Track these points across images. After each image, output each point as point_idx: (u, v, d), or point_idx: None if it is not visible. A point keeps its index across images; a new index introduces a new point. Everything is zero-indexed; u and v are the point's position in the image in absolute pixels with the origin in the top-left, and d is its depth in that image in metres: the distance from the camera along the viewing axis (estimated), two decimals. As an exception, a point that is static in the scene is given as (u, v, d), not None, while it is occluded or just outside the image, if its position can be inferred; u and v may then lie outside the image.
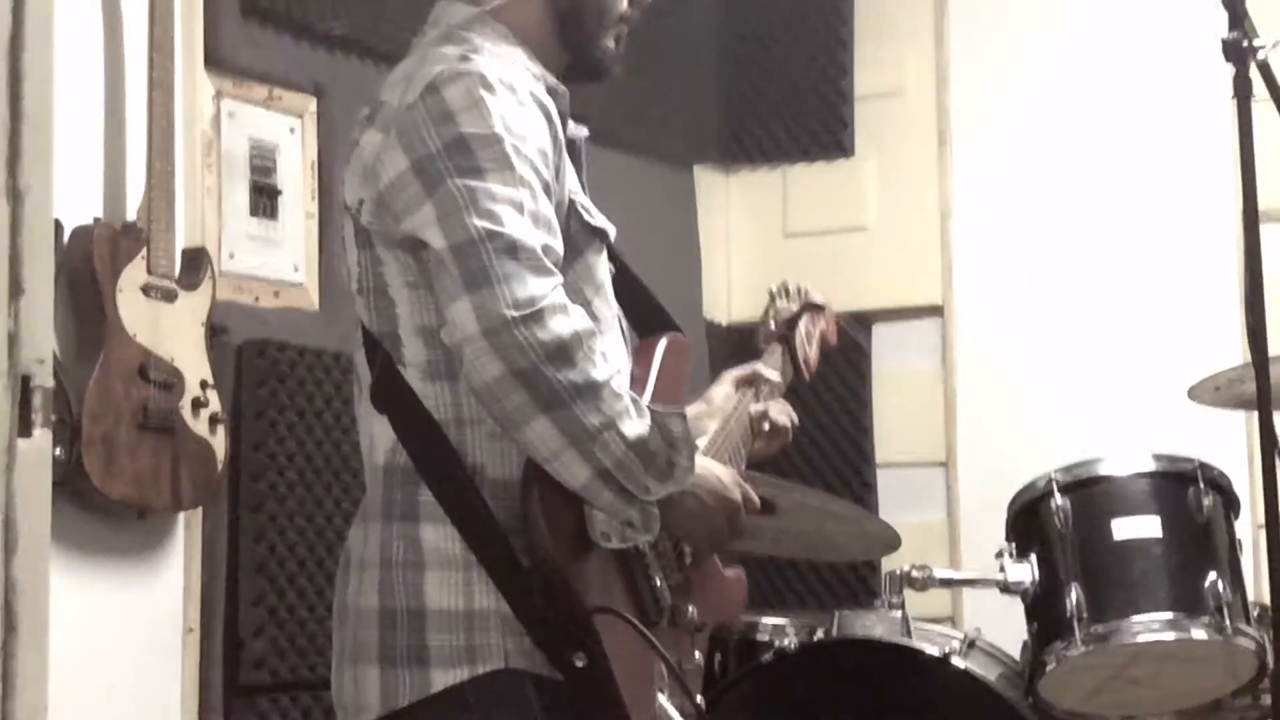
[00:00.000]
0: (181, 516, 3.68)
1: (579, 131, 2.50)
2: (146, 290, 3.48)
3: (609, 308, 2.42)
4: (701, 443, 2.58)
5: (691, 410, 2.70)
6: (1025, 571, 3.51)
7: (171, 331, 3.52)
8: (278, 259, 4.03)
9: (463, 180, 2.17)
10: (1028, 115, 5.21)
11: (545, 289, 2.11)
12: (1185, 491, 3.50)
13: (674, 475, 2.22)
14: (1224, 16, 2.36)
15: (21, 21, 1.37)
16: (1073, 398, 4.98)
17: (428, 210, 2.18)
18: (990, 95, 5.27)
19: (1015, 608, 3.59)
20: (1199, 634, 3.36)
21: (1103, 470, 3.58)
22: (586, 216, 2.38)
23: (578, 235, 2.35)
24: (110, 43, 3.60)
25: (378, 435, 2.32)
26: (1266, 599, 2.42)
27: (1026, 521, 3.59)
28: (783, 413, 2.78)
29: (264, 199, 4.00)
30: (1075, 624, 3.39)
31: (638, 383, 2.46)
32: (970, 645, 3.56)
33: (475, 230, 2.13)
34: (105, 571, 3.52)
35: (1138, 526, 3.49)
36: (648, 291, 2.66)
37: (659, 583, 2.35)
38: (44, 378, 1.39)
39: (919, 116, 5.34)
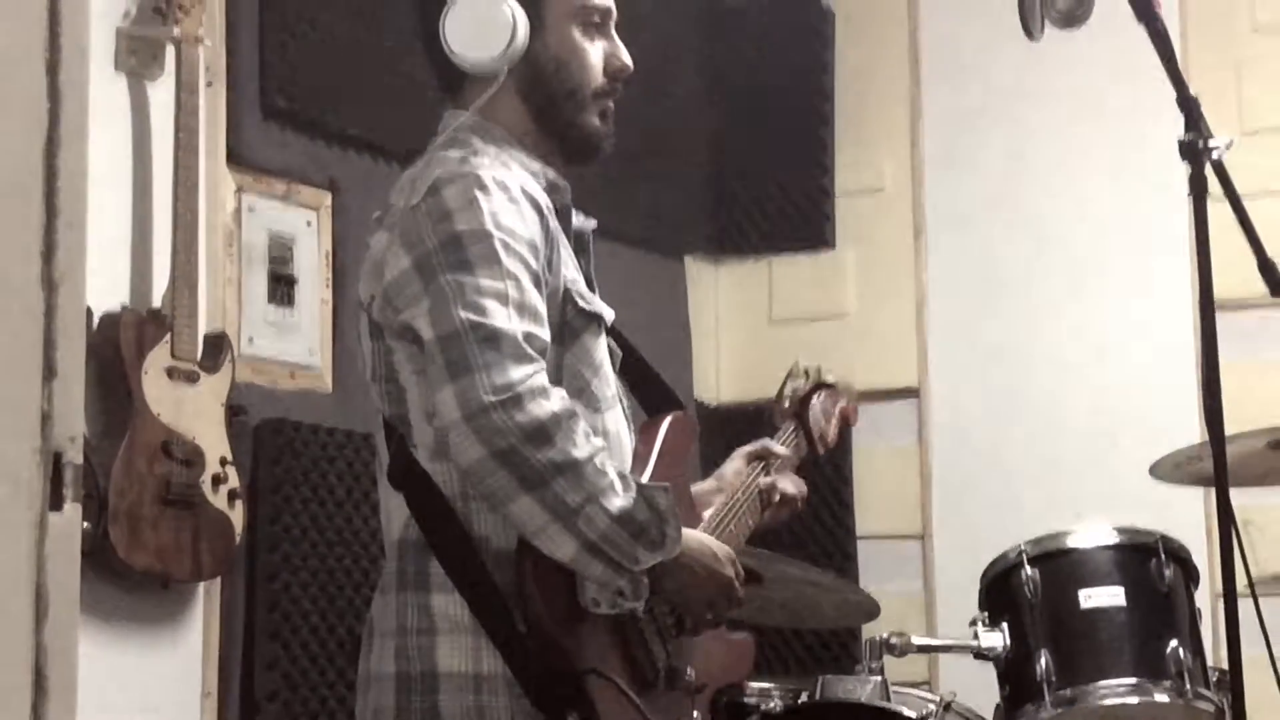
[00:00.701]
0: (201, 586, 3.67)
1: (586, 223, 2.52)
2: (170, 373, 3.48)
3: (608, 387, 2.42)
4: (707, 514, 2.59)
5: (704, 486, 2.71)
6: (997, 638, 3.50)
7: (193, 411, 3.52)
8: (294, 344, 4.03)
9: (453, 275, 2.19)
10: (997, 211, 5.23)
11: (524, 375, 2.12)
12: (1148, 563, 3.50)
13: (665, 545, 2.22)
14: (1181, 120, 2.38)
15: (58, 123, 1.38)
16: (1041, 475, 4.97)
17: (424, 304, 2.21)
18: (961, 192, 5.29)
19: (988, 672, 3.57)
20: (1161, 697, 3.35)
21: (1070, 543, 3.57)
22: (582, 303, 2.38)
23: (574, 320, 2.36)
24: (139, 142, 3.61)
25: (393, 511, 2.33)
26: (1225, 664, 2.41)
27: (998, 591, 3.58)
28: (792, 484, 2.77)
29: (281, 287, 4.00)
30: (1045, 688, 3.37)
31: (640, 459, 2.46)
32: (946, 708, 3.54)
33: (460, 322, 2.15)
34: (129, 637, 3.51)
35: (1103, 596, 3.48)
36: (654, 372, 2.67)
37: (655, 647, 2.34)
38: (75, 455, 1.39)
39: (895, 212, 5.36)
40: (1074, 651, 3.43)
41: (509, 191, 2.28)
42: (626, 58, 2.50)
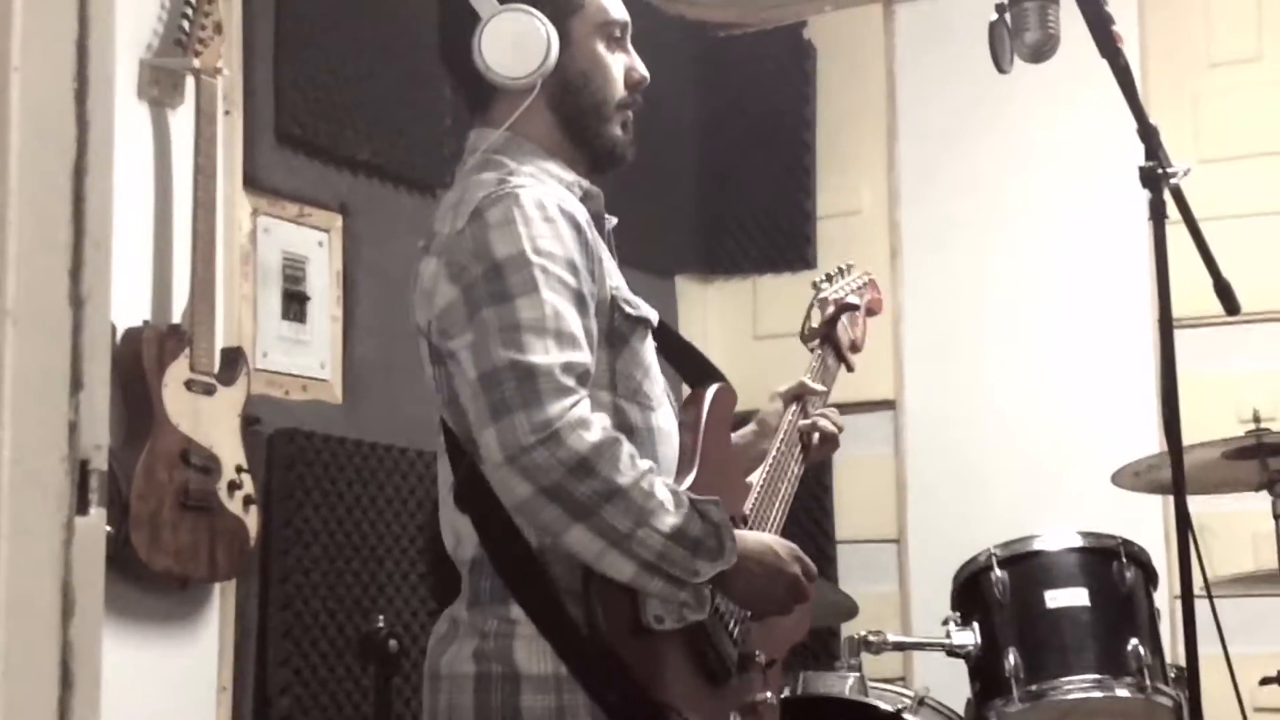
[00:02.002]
0: (217, 586, 3.67)
1: (609, 222, 2.46)
2: (189, 385, 3.49)
3: (657, 385, 2.36)
4: (755, 477, 2.52)
5: (746, 434, 2.66)
6: (969, 636, 3.51)
7: (210, 421, 3.52)
8: (306, 358, 4.03)
9: (493, 308, 2.13)
10: (969, 232, 5.24)
11: (563, 409, 2.06)
12: (1110, 566, 3.51)
13: (723, 555, 2.15)
14: (1141, 148, 2.38)
15: (85, 149, 1.38)
16: (1010, 482, 4.98)
17: (468, 336, 2.15)
18: (935, 215, 5.30)
19: (960, 669, 3.58)
20: (1123, 692, 3.35)
21: (1037, 546, 3.58)
22: (629, 309, 2.31)
23: (622, 326, 2.29)
24: (160, 166, 3.62)
25: (463, 532, 2.27)
26: (1183, 662, 2.41)
27: (969, 592, 3.59)
28: (830, 422, 2.69)
29: (294, 304, 4.01)
30: (1013, 683, 3.38)
31: (689, 429, 2.40)
32: (920, 703, 3.54)
33: (499, 359, 2.09)
34: (149, 635, 3.50)
35: (1068, 597, 3.49)
36: (695, 349, 2.60)
37: (724, 646, 2.27)
38: (100, 462, 1.39)
39: (873, 233, 5.37)
40: (1040, 649, 3.44)
41: (545, 210, 2.21)
42: (644, 70, 2.46)
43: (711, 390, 2.48)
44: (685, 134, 5.43)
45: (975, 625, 3.51)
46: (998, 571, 3.51)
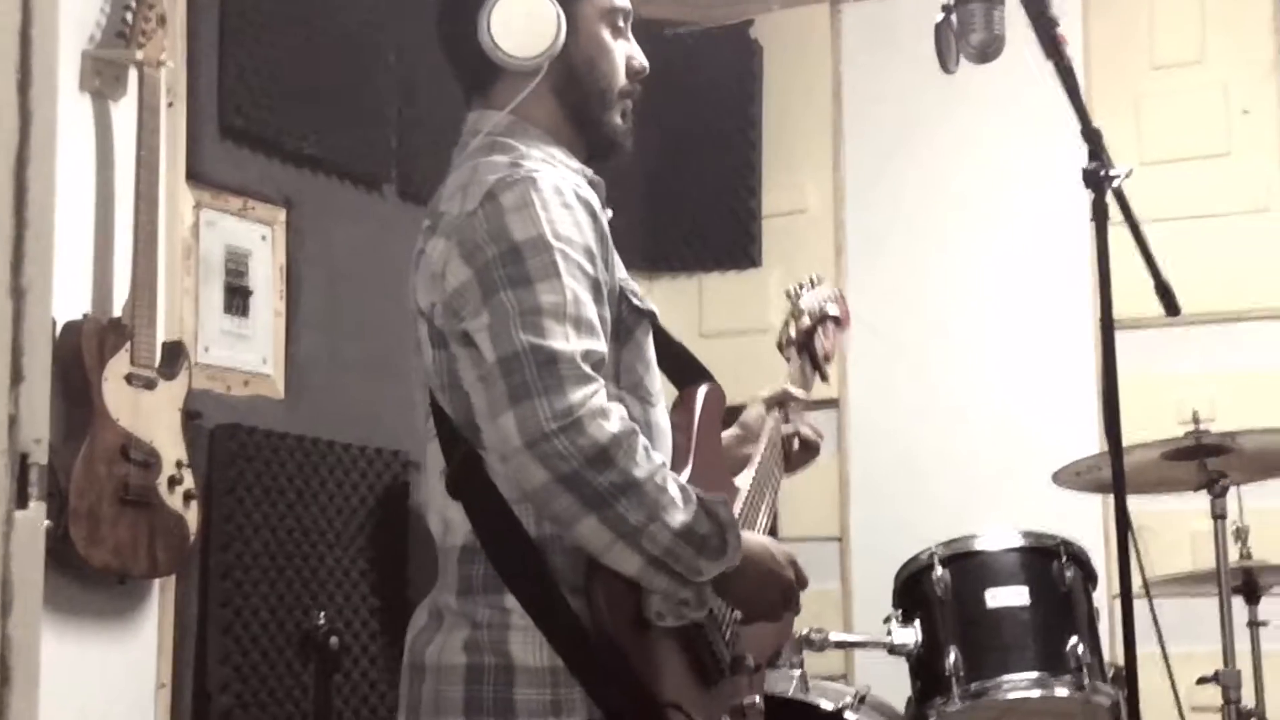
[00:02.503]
0: (157, 582, 3.64)
1: (606, 214, 2.39)
2: (129, 379, 3.46)
3: (656, 381, 2.34)
4: (741, 481, 2.51)
5: (730, 434, 2.63)
6: (910, 635, 3.52)
7: (151, 416, 3.50)
8: (248, 352, 4.01)
9: (512, 291, 2.09)
10: (913, 232, 5.26)
11: (583, 397, 2.03)
12: (1050, 565, 3.53)
13: (726, 554, 2.14)
14: (1084, 149, 2.40)
15: (27, 139, 1.37)
16: (952, 481, 5.00)
17: (484, 318, 2.10)
18: (880, 215, 5.32)
19: (901, 667, 3.59)
20: (1062, 691, 3.37)
21: (978, 545, 3.60)
22: (635, 300, 2.29)
23: (628, 318, 2.27)
24: (102, 159, 3.59)
25: (453, 520, 2.23)
26: (1121, 661, 2.43)
27: (911, 590, 3.60)
28: (811, 430, 2.70)
29: (237, 298, 3.99)
30: (954, 682, 3.40)
31: (682, 428, 2.39)
32: (861, 701, 3.55)
33: (520, 344, 2.05)
34: (88, 631, 3.48)
35: (1008, 596, 3.51)
36: (684, 349, 2.57)
37: (719, 646, 2.26)
38: (40, 456, 1.38)
39: (818, 232, 5.38)
40: (981, 648, 3.45)
41: (563, 196, 2.18)
42: (644, 59, 2.45)
43: (703, 390, 2.47)
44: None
45: (916, 623, 3.53)
46: (939, 570, 3.53)
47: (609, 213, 2.37)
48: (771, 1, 5.54)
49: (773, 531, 2.52)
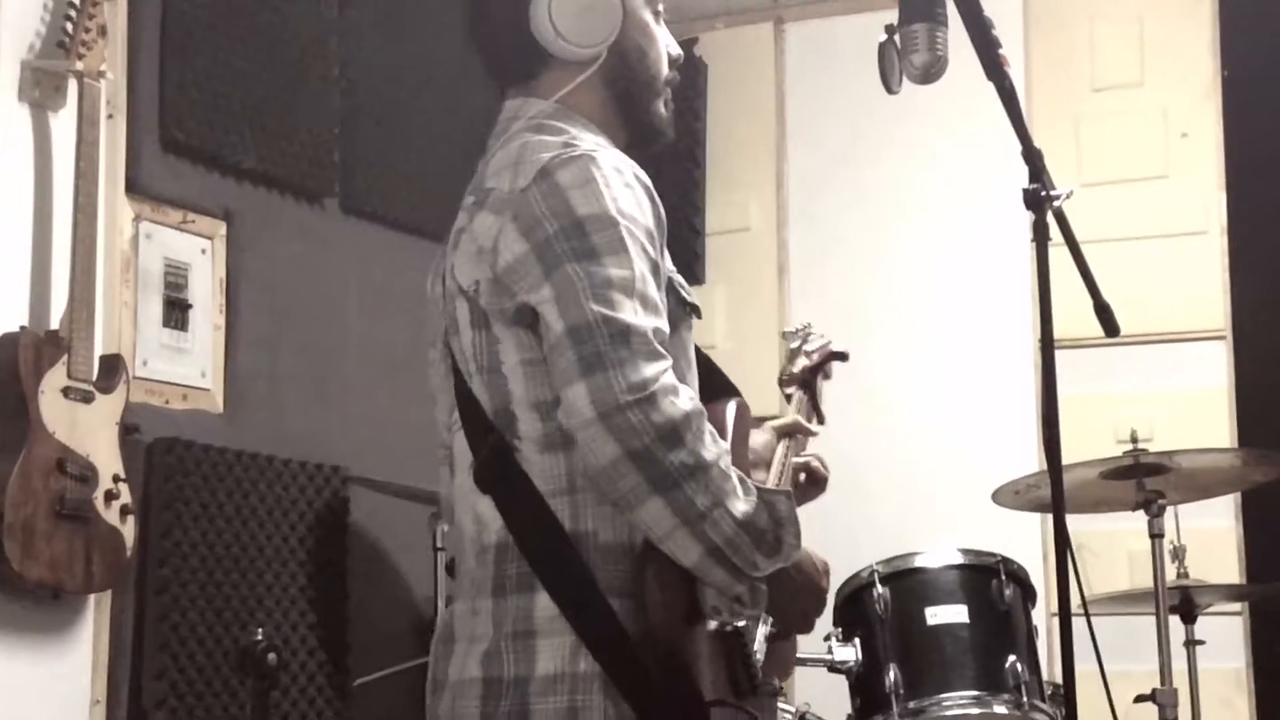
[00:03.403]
0: (92, 597, 3.61)
1: None
2: (66, 392, 3.43)
3: (695, 381, 2.26)
4: None
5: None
6: (850, 652, 3.52)
7: (88, 430, 3.47)
8: (187, 366, 3.99)
9: (579, 264, 2.02)
10: (855, 251, 5.29)
11: (657, 372, 1.97)
12: (989, 583, 3.54)
13: (782, 551, 2.06)
14: (1025, 170, 2.41)
15: (-38, 150, 1.36)
16: (892, 499, 5.02)
17: (546, 291, 2.02)
18: (822, 233, 5.34)
19: (840, 685, 3.59)
20: (1000, 709, 3.38)
21: (918, 564, 3.60)
22: (684, 293, 2.22)
23: (674, 312, 2.17)
24: (40, 170, 3.56)
25: (485, 515, 2.13)
26: (1059, 679, 2.44)
27: (851, 608, 3.61)
28: (820, 463, 2.64)
29: (176, 312, 3.96)
30: (893, 700, 3.40)
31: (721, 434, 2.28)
32: (801, 718, 3.56)
33: (591, 315, 1.98)
34: (21, 647, 3.44)
35: (948, 614, 3.52)
36: (712, 362, 2.48)
37: (754, 659, 2.20)
38: (-28, 470, 1.36)
39: (761, 250, 5.40)
40: (920, 666, 3.46)
41: (624, 175, 2.12)
42: (679, 48, 2.39)
43: (733, 406, 2.40)
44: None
45: (856, 641, 3.53)
46: (879, 588, 3.53)
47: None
48: (716, 20, 5.56)
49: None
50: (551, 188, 2.08)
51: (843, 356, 3.01)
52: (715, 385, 2.45)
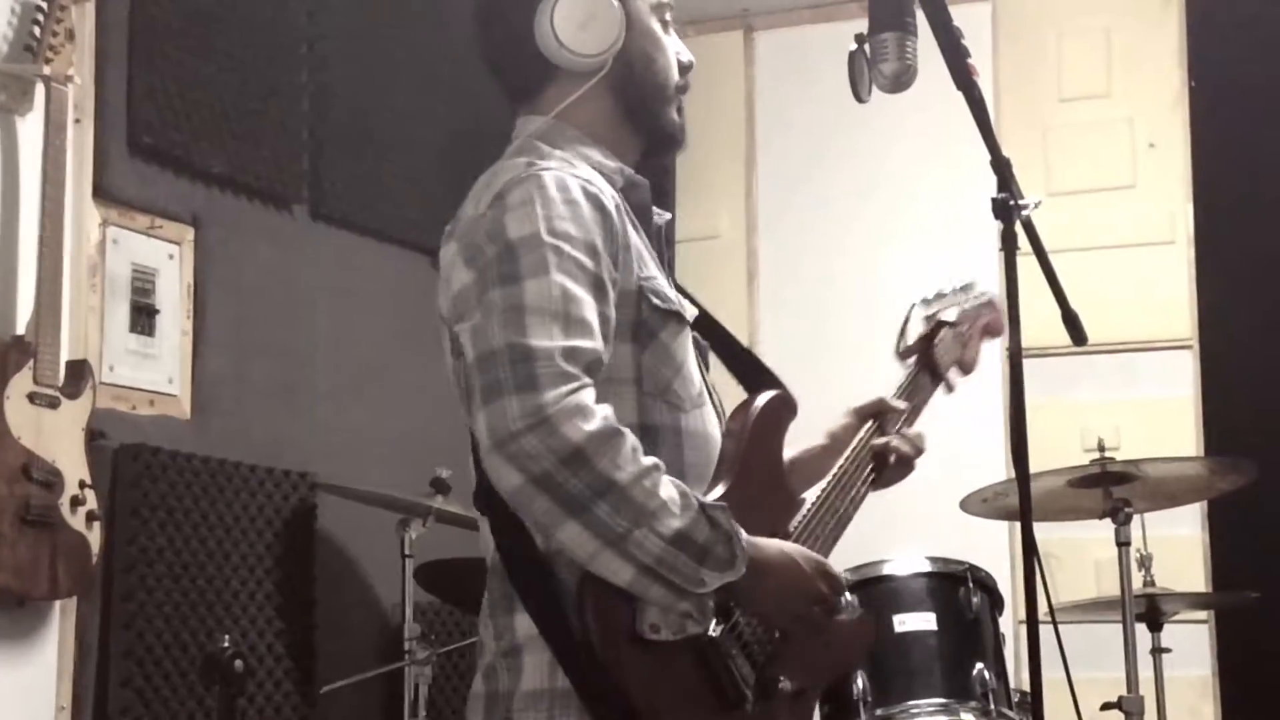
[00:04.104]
0: (58, 604, 3.59)
1: (661, 217, 2.37)
2: (32, 398, 3.41)
3: (692, 385, 2.23)
4: (810, 494, 2.41)
5: (816, 445, 2.54)
6: (818, 660, 3.52)
7: (54, 435, 3.45)
8: (154, 372, 3.97)
9: (500, 289, 2.02)
10: (824, 258, 5.30)
11: (557, 395, 1.93)
12: (957, 591, 3.54)
13: (734, 565, 2.03)
14: (993, 179, 2.42)
15: (-72, 154, 1.36)
16: (860, 507, 5.01)
17: (474, 319, 2.04)
18: (792, 241, 5.35)
19: (809, 693, 3.59)
20: (968, 717, 3.38)
21: (886, 571, 3.60)
22: (657, 300, 2.19)
23: (650, 319, 2.17)
24: (7, 175, 3.55)
25: (485, 536, 2.16)
26: (1027, 686, 2.44)
27: (819, 616, 3.60)
28: (907, 442, 2.54)
29: (143, 317, 3.95)
30: (861, 707, 3.40)
31: (733, 435, 2.28)
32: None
33: (497, 341, 1.98)
34: (-15, 654, 3.42)
35: (916, 621, 3.52)
36: (752, 356, 2.49)
37: (738, 665, 2.10)
38: (-63, 475, 1.36)
39: (731, 258, 5.41)
40: (888, 673, 3.46)
41: (568, 192, 2.10)
42: (690, 54, 2.40)
43: (763, 399, 2.36)
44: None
45: (824, 649, 3.53)
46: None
47: (666, 215, 2.36)
48: (686, 27, 5.55)
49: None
50: (498, 211, 2.09)
51: (952, 325, 2.83)
52: (757, 378, 2.45)
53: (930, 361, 2.74)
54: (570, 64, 2.24)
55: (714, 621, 2.07)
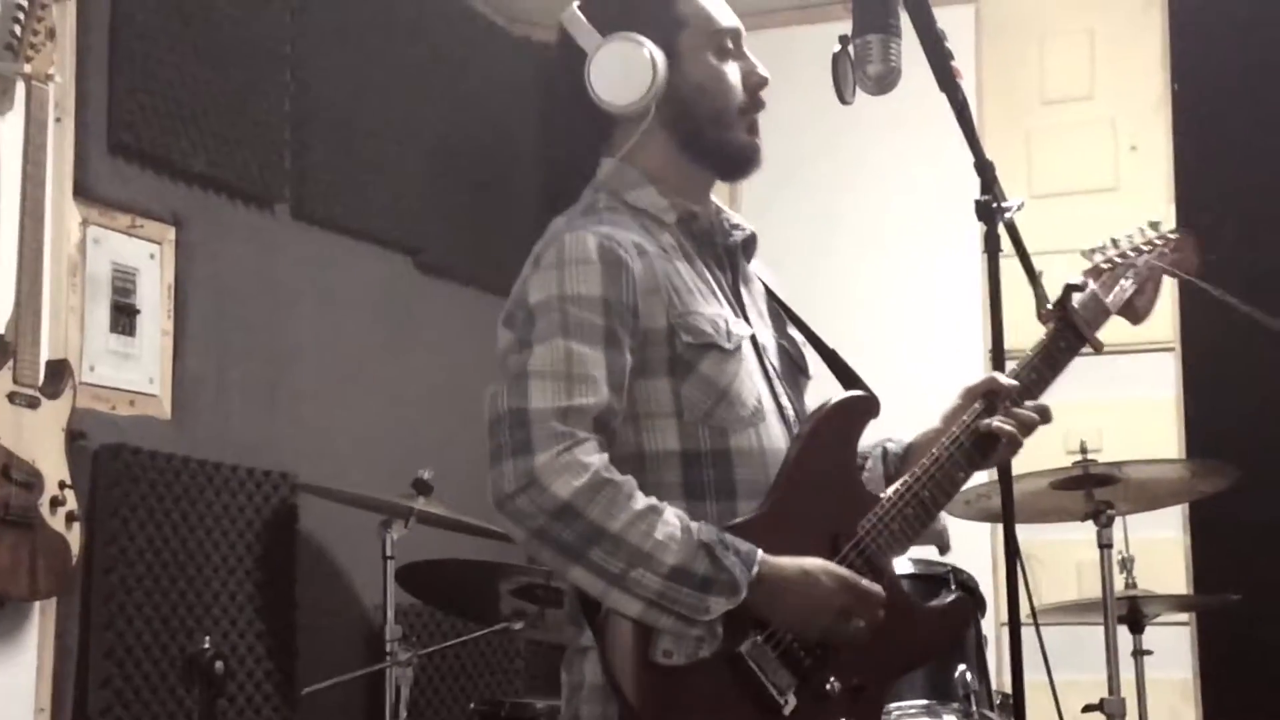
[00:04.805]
0: (37, 605, 3.59)
1: (735, 236, 2.56)
2: (12, 397, 3.41)
3: (738, 408, 2.32)
4: (905, 479, 2.47)
5: (929, 431, 2.63)
6: (800, 662, 3.52)
7: (34, 435, 3.45)
8: (134, 372, 3.97)
9: (517, 355, 2.21)
10: (806, 262, 5.29)
11: (549, 457, 2.11)
12: (939, 593, 3.54)
13: (738, 591, 2.15)
14: (977, 181, 2.42)
15: (-91, 152, 1.35)
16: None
17: (497, 383, 2.22)
18: (775, 245, 5.31)
19: (791, 695, 3.59)
20: (950, 718, 3.39)
21: (869, 573, 3.60)
22: (689, 338, 2.30)
23: (685, 354, 2.29)
24: (-13, 173, 3.54)
25: None
26: (1009, 688, 2.45)
27: (802, 618, 3.60)
28: (1013, 421, 2.43)
29: (123, 317, 3.94)
30: (843, 709, 3.40)
31: (795, 440, 2.38)
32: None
33: (502, 407, 2.17)
34: (-36, 655, 3.41)
35: (898, 623, 3.52)
36: (839, 359, 2.66)
37: (775, 674, 2.20)
38: (-84, 475, 1.36)
39: (713, 259, 5.40)
40: (870, 675, 3.46)
41: (585, 252, 2.27)
42: (764, 71, 2.51)
43: (832, 401, 2.48)
44: (527, 155, 5.42)
45: (807, 651, 3.53)
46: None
47: (744, 231, 2.60)
48: (669, 28, 5.56)
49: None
50: (529, 274, 2.30)
51: (1079, 287, 2.64)
52: (846, 380, 2.62)
53: (1070, 319, 2.61)
54: (619, 113, 2.40)
55: (750, 636, 2.17)
